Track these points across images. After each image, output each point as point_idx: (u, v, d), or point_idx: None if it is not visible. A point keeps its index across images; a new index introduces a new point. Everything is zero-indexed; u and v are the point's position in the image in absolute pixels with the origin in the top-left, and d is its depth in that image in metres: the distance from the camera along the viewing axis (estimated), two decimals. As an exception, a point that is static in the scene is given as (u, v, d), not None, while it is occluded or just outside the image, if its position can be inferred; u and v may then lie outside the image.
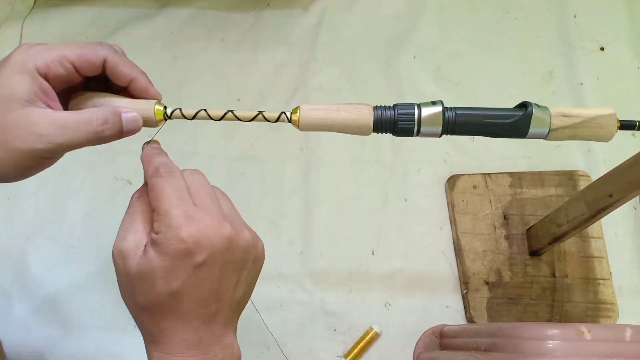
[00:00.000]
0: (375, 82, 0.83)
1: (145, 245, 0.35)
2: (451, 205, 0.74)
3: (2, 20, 0.86)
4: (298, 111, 0.39)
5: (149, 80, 0.40)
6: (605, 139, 0.41)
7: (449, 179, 0.76)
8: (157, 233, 0.35)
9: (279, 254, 0.73)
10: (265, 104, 0.81)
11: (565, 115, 0.40)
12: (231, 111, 0.40)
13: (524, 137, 0.41)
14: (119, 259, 0.36)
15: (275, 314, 0.70)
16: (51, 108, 0.36)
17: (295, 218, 0.75)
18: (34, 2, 0.88)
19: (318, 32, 0.86)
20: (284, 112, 0.40)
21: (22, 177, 0.37)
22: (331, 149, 0.79)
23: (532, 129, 0.40)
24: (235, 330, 0.39)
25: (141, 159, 0.39)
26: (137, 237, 0.36)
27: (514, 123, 0.40)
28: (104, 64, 0.37)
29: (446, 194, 0.76)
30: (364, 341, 0.67)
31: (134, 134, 0.38)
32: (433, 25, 0.87)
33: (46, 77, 0.36)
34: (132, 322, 0.68)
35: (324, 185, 0.77)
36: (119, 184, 0.76)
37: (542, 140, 0.42)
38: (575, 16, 0.88)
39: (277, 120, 0.39)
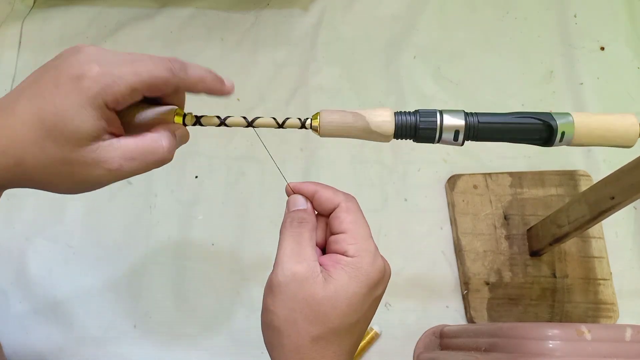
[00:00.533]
0: (375, 81, 0.83)
1: (326, 270, 0.35)
2: (451, 205, 0.74)
3: (1, 20, 0.86)
4: (318, 117, 0.38)
5: (217, 78, 0.37)
6: (627, 145, 0.40)
7: (450, 178, 0.76)
8: (353, 256, 0.34)
9: (279, 254, 0.73)
10: (265, 104, 0.81)
11: (588, 138, 0.39)
12: (251, 124, 0.39)
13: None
14: (294, 284, 0.34)
15: (275, 314, 0.70)
16: (115, 135, 0.34)
17: (295, 218, 0.75)
18: (34, 2, 0.88)
19: (318, 31, 0.86)
20: (305, 119, 0.39)
21: (75, 193, 0.36)
22: (331, 149, 0.78)
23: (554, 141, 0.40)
24: None
25: (309, 189, 0.39)
26: (310, 260, 0.35)
27: (538, 132, 0.39)
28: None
29: (446, 194, 0.76)
30: (364, 341, 0.67)
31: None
32: (433, 25, 0.87)
33: (114, 108, 0.33)
34: (132, 322, 0.69)
35: (324, 185, 0.76)
36: (118, 184, 0.75)
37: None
38: (575, 16, 0.88)
39: (301, 127, 0.39)
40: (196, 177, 0.77)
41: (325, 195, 0.39)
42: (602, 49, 0.86)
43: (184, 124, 0.38)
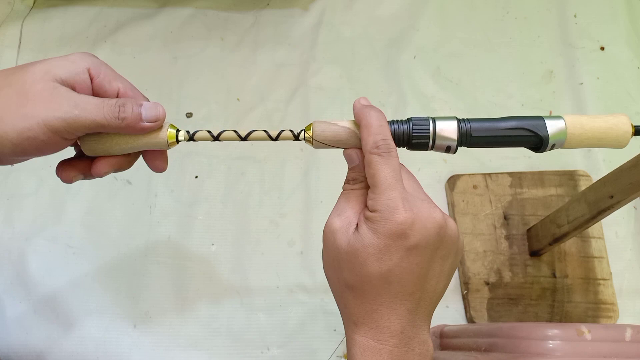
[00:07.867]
0: (375, 81, 0.83)
1: (357, 224, 0.36)
2: (451, 206, 0.74)
3: (1, 20, 0.86)
4: (311, 128, 0.39)
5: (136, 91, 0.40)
6: (620, 146, 0.40)
7: (449, 179, 0.76)
8: (373, 211, 0.35)
9: (279, 254, 0.73)
10: (265, 103, 0.81)
11: (581, 141, 0.39)
12: (216, 137, 0.40)
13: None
14: (329, 235, 0.37)
15: (275, 314, 0.70)
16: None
17: (295, 218, 0.75)
18: (34, 2, 0.88)
19: (318, 31, 0.86)
20: (299, 131, 0.39)
21: (18, 158, 0.36)
22: (331, 148, 0.78)
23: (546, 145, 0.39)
24: (429, 326, 0.38)
25: (358, 116, 0.39)
26: (349, 215, 0.37)
27: (530, 139, 0.39)
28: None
29: (446, 194, 0.76)
30: (364, 341, 0.67)
31: (156, 124, 0.38)
32: (433, 25, 0.87)
33: (73, 87, 0.36)
34: (132, 322, 0.69)
35: (324, 185, 0.76)
36: (118, 184, 0.76)
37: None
38: (575, 16, 0.88)
39: (296, 139, 0.39)
40: (196, 177, 0.77)
41: (353, 154, 0.39)
42: (602, 49, 0.86)
43: (177, 140, 0.39)
